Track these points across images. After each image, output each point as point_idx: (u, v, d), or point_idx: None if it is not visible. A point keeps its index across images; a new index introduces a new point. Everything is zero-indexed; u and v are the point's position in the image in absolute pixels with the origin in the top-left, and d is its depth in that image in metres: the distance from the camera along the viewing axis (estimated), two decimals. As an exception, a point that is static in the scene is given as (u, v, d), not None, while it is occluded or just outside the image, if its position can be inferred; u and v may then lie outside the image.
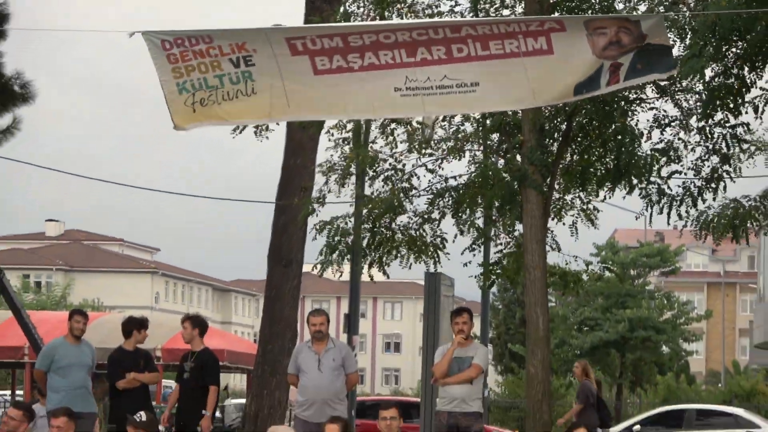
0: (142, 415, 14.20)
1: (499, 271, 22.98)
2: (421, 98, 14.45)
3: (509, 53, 14.13)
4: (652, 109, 19.90)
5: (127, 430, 14.26)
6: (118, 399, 17.36)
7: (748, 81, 18.16)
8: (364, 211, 21.81)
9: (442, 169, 21.53)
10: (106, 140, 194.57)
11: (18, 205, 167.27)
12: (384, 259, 21.39)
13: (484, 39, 14.09)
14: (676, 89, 19.45)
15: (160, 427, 16.85)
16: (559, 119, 19.42)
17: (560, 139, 19.43)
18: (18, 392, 35.41)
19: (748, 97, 18.46)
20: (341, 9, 19.71)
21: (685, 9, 18.24)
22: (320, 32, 14.54)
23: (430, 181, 21.28)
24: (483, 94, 14.43)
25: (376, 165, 21.80)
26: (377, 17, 18.29)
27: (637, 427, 29.54)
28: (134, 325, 17.71)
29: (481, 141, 21.38)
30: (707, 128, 19.53)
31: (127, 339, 17.57)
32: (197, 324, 18.09)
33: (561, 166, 19.55)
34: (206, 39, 14.39)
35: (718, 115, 19.21)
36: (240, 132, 22.68)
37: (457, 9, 19.56)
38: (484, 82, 14.27)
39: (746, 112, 18.88)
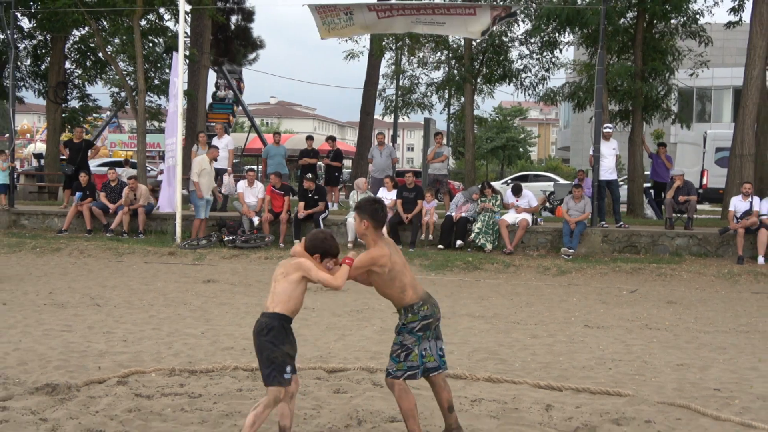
0: (309, 175, 14.38)
1: (455, 117, 22.85)
2: (421, 26, 14.50)
3: (458, 13, 14.15)
4: (518, 49, 19.50)
5: (304, 181, 14.46)
6: (303, 170, 17.46)
7: (558, 39, 17.92)
8: (399, 92, 21.60)
9: (431, 74, 21.32)
10: (289, 58, 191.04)
11: (259, 90, 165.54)
12: (407, 111, 21.25)
13: (447, 8, 14.20)
14: (529, 42, 18.99)
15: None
16: (480, 51, 19.01)
17: (480, 60, 19.03)
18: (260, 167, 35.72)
19: (559, 46, 18.19)
20: None
21: (533, 3, 17.78)
22: (380, 4, 14.54)
23: (426, 81, 21.01)
24: (446, 28, 14.52)
25: (404, 73, 21.48)
26: None
27: (509, 181, 29.36)
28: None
29: (447, 63, 21.00)
30: (542, 58, 19.11)
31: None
32: (333, 139, 18.20)
33: (480, 73, 19.20)
34: (335, 5, 14.34)
35: (546, 53, 18.88)
36: (349, 57, 21.90)
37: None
38: (447, 23, 14.32)
39: (559, 51, 18.62)
